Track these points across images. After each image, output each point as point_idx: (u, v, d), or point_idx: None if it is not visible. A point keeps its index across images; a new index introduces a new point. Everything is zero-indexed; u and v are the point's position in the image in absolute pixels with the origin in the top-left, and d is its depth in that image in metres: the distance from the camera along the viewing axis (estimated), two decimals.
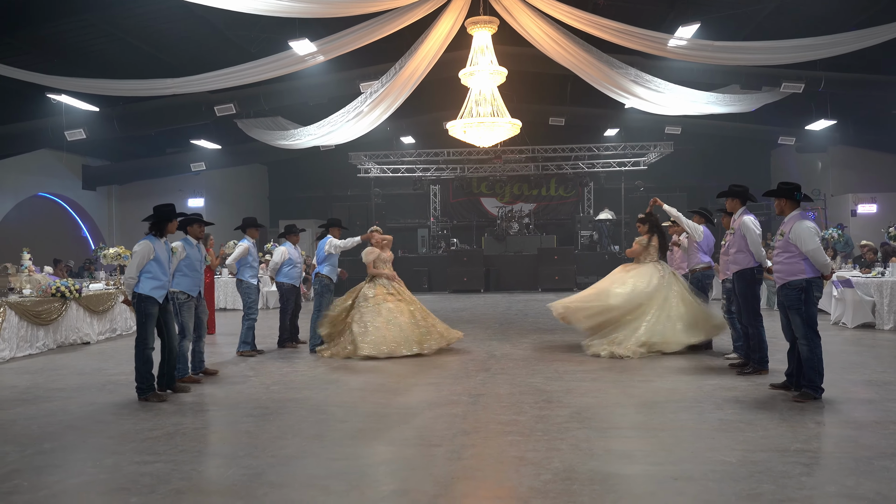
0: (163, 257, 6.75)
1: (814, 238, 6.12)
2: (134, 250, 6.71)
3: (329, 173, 26.58)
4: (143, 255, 6.63)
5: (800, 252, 6.14)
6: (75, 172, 21.57)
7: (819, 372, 6.06)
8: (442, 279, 21.32)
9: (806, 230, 6.12)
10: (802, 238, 6.11)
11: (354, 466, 4.54)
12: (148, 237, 6.78)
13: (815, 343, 6.10)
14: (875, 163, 21.25)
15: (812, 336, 6.11)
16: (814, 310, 6.21)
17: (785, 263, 6.25)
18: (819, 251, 6.11)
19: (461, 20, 12.10)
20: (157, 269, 6.67)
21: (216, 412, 6.28)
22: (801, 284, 6.14)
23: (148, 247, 6.66)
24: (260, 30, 13.95)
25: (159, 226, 6.84)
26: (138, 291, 6.62)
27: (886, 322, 10.54)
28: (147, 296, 6.62)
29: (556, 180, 25.96)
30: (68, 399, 6.72)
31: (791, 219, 6.31)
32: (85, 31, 13.65)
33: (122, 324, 11.72)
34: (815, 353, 6.07)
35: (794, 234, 6.17)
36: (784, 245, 6.27)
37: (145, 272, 6.63)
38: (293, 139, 16.47)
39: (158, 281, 6.68)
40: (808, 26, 13.61)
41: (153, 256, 6.66)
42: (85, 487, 4.22)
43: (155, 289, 6.65)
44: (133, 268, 6.62)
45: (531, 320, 13.02)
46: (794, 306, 6.17)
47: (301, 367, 8.30)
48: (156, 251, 6.69)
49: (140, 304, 6.64)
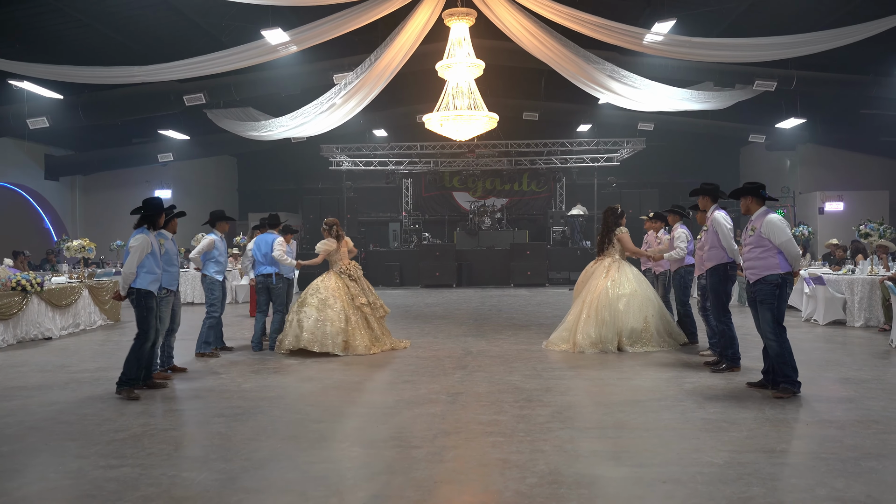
0: (156, 250, 6.68)
1: (785, 230, 6.20)
2: (131, 245, 6.54)
3: (300, 166, 26.29)
4: (142, 249, 6.50)
5: (773, 246, 6.17)
6: (37, 162, 20.96)
7: (792, 366, 6.10)
8: (414, 274, 21.17)
9: (778, 222, 6.20)
10: (775, 230, 6.15)
11: (332, 470, 4.38)
12: (141, 230, 6.62)
13: (783, 338, 6.14)
14: (843, 161, 21.56)
15: (780, 332, 6.15)
16: (784, 306, 6.27)
17: (759, 259, 6.25)
18: (792, 242, 6.19)
19: (438, 11, 11.93)
20: (152, 262, 6.60)
21: (186, 412, 6.07)
22: (776, 280, 6.16)
23: (146, 240, 6.54)
24: (231, 18, 13.63)
25: (152, 219, 6.71)
26: (136, 286, 6.52)
27: (857, 319, 10.62)
28: (146, 290, 6.55)
29: (529, 175, 25.94)
30: (29, 398, 6.45)
31: (760, 214, 6.35)
32: (50, 16, 13.19)
33: (86, 318, 11.38)
34: (784, 347, 6.12)
35: (766, 228, 6.19)
36: (756, 240, 6.28)
37: (141, 266, 6.52)
38: (264, 130, 16.17)
39: (153, 274, 6.62)
40: (781, 25, 13.68)
41: (150, 250, 6.57)
42: (47, 494, 4.01)
43: (152, 282, 6.60)
44: (133, 262, 6.47)
45: (505, 316, 12.94)
46: (766, 301, 6.18)
47: (273, 365, 8.09)
48: (152, 245, 6.60)
49: (140, 299, 6.54)
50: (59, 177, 21.99)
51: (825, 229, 19.87)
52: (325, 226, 9.04)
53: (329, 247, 8.89)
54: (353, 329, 8.65)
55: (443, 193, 26.57)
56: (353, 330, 8.64)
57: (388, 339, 9.08)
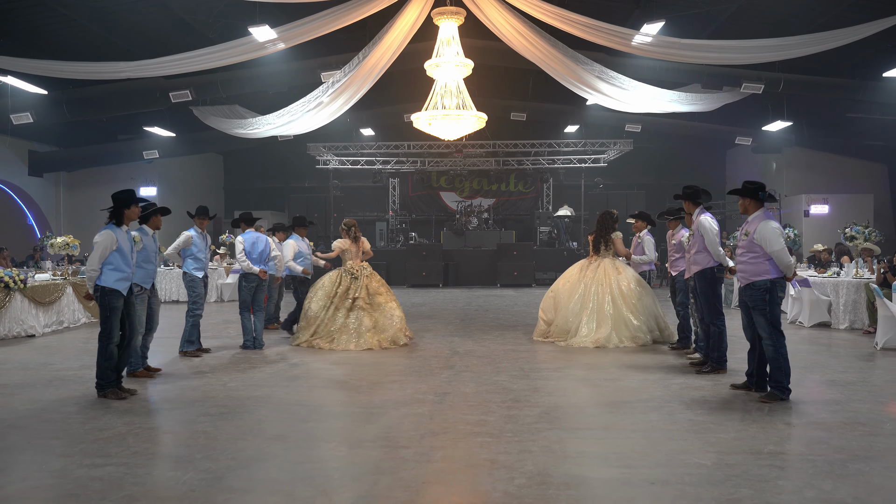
0: (125, 247, 6.42)
1: (779, 239, 6.10)
2: (95, 241, 6.34)
3: (287, 164, 26.18)
4: (105, 246, 6.30)
5: (764, 252, 6.12)
6: (21, 158, 20.73)
7: (786, 372, 6.03)
8: (401, 273, 21.11)
9: (771, 231, 6.09)
10: (768, 239, 6.08)
11: (319, 470, 4.34)
12: (108, 226, 6.42)
13: (780, 343, 6.07)
14: (828, 164, 21.71)
15: (777, 336, 6.08)
16: (778, 310, 6.21)
17: (749, 263, 6.22)
18: (784, 252, 6.09)
19: (427, 10, 11.91)
20: (119, 259, 6.35)
21: (171, 411, 6.00)
22: (765, 285, 6.12)
23: (110, 237, 6.32)
24: (219, 15, 13.55)
25: (117, 214, 6.48)
26: (101, 284, 6.31)
27: (842, 321, 10.69)
28: (111, 289, 6.32)
29: (516, 176, 25.96)
30: (11, 396, 6.36)
31: (755, 219, 6.26)
32: (34, 10, 13.07)
33: (70, 316, 11.26)
34: (780, 352, 6.05)
35: (758, 235, 6.13)
36: (748, 245, 6.24)
37: (107, 263, 6.32)
38: (251, 128, 16.09)
39: (122, 272, 6.37)
40: (769, 28, 13.77)
41: (116, 247, 6.33)
42: (30, 493, 3.95)
43: (119, 280, 6.35)
44: (95, 259, 6.28)
45: (492, 316, 12.93)
46: (758, 307, 6.15)
47: (259, 364, 8.03)
48: (118, 241, 6.36)
49: (104, 297, 6.32)
50: (43, 173, 21.76)
51: (810, 232, 19.99)
52: (344, 226, 9.52)
53: (343, 245, 9.36)
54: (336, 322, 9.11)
55: (430, 193, 26.54)
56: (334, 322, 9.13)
57: (372, 337, 9.02)
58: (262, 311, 9.28)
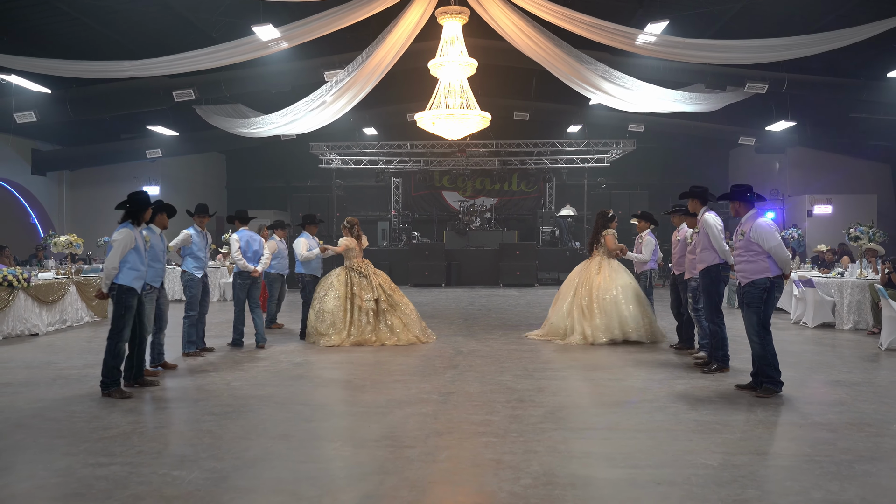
0: (141, 246, 6.52)
1: (774, 234, 6.26)
2: (114, 239, 6.40)
3: (289, 163, 26.18)
4: (124, 245, 6.36)
5: (762, 250, 6.25)
6: (24, 157, 20.74)
7: (775, 367, 6.23)
8: (403, 273, 21.08)
9: (766, 227, 6.27)
10: (763, 236, 6.22)
11: (324, 469, 4.34)
12: (126, 225, 6.49)
13: (767, 340, 6.26)
14: (832, 164, 21.64)
15: (764, 334, 6.27)
16: (771, 311, 6.36)
17: (749, 262, 6.33)
18: (781, 247, 6.26)
19: (431, 9, 11.89)
20: (136, 258, 6.44)
21: (175, 410, 6.00)
22: (764, 284, 6.25)
23: (129, 235, 6.40)
24: (222, 14, 13.53)
25: (136, 214, 6.56)
26: (118, 282, 6.37)
27: (846, 322, 10.66)
28: (128, 287, 6.38)
29: (519, 175, 25.94)
30: (15, 395, 6.36)
31: (749, 218, 6.43)
32: (37, 9, 13.06)
33: (73, 315, 11.26)
34: (767, 349, 6.24)
35: (754, 233, 6.27)
36: (746, 244, 6.36)
37: (124, 262, 6.38)
38: (254, 127, 16.08)
39: (137, 271, 6.46)
40: (773, 28, 13.73)
41: (133, 245, 6.41)
42: (35, 492, 3.94)
43: (135, 279, 6.43)
44: (115, 257, 6.32)
45: (495, 315, 12.91)
46: (753, 304, 6.27)
47: (263, 363, 8.03)
48: (136, 240, 6.44)
49: (120, 295, 6.37)
50: (47, 172, 21.77)
51: (814, 232, 19.97)
52: (347, 224, 9.61)
53: (350, 244, 9.46)
54: (350, 319, 9.21)
55: (432, 192, 26.52)
56: (348, 319, 9.20)
57: (405, 334, 9.28)
58: (258, 307, 9.34)
